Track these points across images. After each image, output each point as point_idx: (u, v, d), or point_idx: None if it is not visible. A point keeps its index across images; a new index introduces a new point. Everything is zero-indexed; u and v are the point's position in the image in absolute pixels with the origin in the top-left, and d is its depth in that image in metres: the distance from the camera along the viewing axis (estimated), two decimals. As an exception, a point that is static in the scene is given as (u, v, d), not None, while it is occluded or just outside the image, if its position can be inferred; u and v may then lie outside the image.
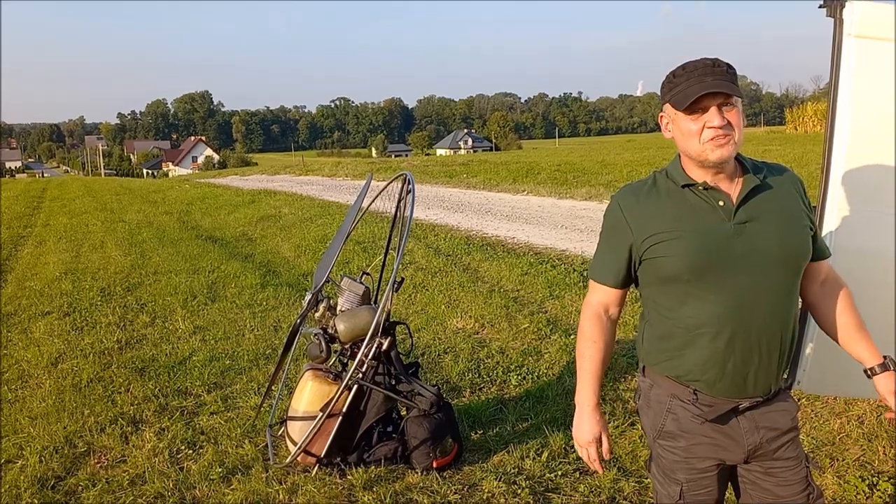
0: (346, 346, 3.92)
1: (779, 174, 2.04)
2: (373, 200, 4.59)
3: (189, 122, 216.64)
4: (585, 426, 2.10)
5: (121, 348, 6.16)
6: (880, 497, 3.36)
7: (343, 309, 3.96)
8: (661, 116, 2.01)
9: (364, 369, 3.74)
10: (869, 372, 2.07)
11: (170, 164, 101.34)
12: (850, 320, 2.10)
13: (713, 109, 1.85)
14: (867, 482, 3.45)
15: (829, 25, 2.96)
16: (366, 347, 3.68)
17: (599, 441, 2.11)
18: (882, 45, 2.88)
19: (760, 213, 1.93)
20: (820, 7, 2.92)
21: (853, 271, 2.75)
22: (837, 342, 2.14)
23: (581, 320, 2.15)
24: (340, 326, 3.83)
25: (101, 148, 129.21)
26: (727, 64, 1.87)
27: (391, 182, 4.32)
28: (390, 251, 4.51)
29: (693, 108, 1.86)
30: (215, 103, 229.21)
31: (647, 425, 2.14)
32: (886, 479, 3.49)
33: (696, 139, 1.88)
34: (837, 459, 3.75)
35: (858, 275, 2.84)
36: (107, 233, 13.78)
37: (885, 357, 2.06)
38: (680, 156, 2.00)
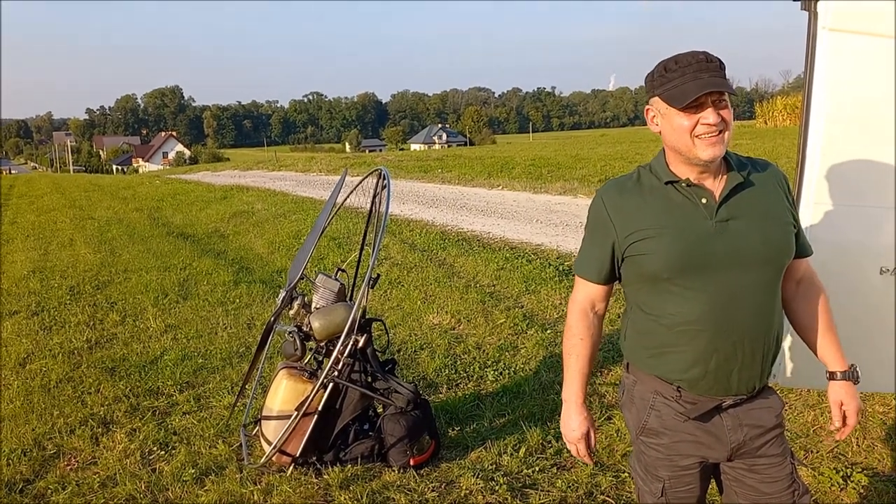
0: (322, 344, 3.87)
1: (763, 170, 2.02)
2: (348, 196, 4.54)
3: (159, 117, 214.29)
4: (574, 423, 2.12)
5: (91, 348, 6.05)
6: (854, 488, 3.39)
7: (318, 306, 3.91)
8: (648, 109, 1.97)
9: (340, 367, 3.70)
10: (829, 375, 2.10)
11: (140, 160, 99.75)
12: (821, 322, 2.11)
13: (709, 107, 1.83)
14: (841, 474, 3.48)
15: (800, 19, 2.97)
16: (342, 345, 3.63)
17: (587, 436, 2.13)
18: (856, 39, 2.89)
19: (743, 211, 1.92)
20: (794, 0, 2.92)
21: (829, 264, 2.76)
22: (805, 341, 2.15)
23: (568, 317, 2.14)
24: (316, 324, 3.78)
25: (69, 144, 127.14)
26: (719, 59, 1.84)
27: (366, 177, 4.27)
28: (366, 247, 4.47)
29: (689, 104, 1.82)
30: (186, 98, 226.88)
31: (630, 422, 2.13)
32: (860, 470, 3.53)
33: (689, 136, 1.85)
34: (812, 451, 3.78)
35: (835, 267, 2.85)
36: (76, 230, 13.54)
37: (850, 366, 2.09)
38: (665, 151, 1.98)
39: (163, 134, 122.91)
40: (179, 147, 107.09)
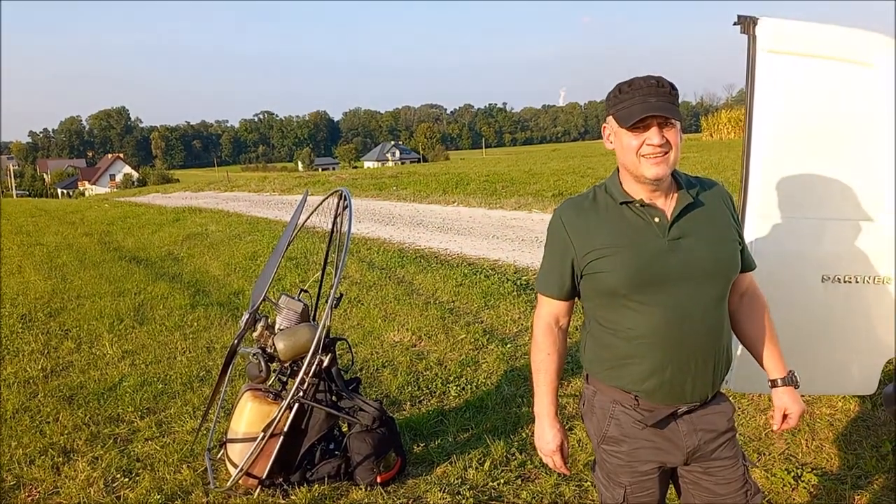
0: (286, 365, 3.89)
1: (710, 190, 2.13)
2: (308, 216, 4.57)
3: (105, 139, 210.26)
4: (548, 435, 2.20)
5: (46, 376, 5.93)
6: (805, 487, 3.54)
7: (282, 327, 3.93)
8: (604, 127, 2.08)
9: (305, 387, 3.72)
10: (771, 383, 2.24)
11: (86, 182, 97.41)
12: (763, 333, 2.23)
13: (654, 128, 1.93)
14: (792, 474, 3.63)
15: (742, 39, 3.14)
16: (307, 365, 3.66)
17: (562, 447, 2.22)
18: (792, 60, 3.06)
19: (693, 229, 2.03)
20: (734, 24, 3.09)
21: (773, 273, 2.91)
22: (749, 351, 2.28)
23: (534, 333, 2.22)
24: (280, 345, 3.80)
25: (12, 168, 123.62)
26: (671, 84, 1.95)
27: (327, 198, 4.31)
28: (328, 267, 4.50)
29: (635, 125, 1.94)
30: (133, 119, 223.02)
31: (591, 431, 2.22)
32: (810, 470, 3.68)
33: (635, 154, 1.96)
34: (764, 454, 3.93)
35: (779, 276, 3.01)
36: (24, 257, 13.22)
37: (789, 372, 2.23)
38: (619, 170, 2.08)
39: (109, 156, 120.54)
40: (127, 169, 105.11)
